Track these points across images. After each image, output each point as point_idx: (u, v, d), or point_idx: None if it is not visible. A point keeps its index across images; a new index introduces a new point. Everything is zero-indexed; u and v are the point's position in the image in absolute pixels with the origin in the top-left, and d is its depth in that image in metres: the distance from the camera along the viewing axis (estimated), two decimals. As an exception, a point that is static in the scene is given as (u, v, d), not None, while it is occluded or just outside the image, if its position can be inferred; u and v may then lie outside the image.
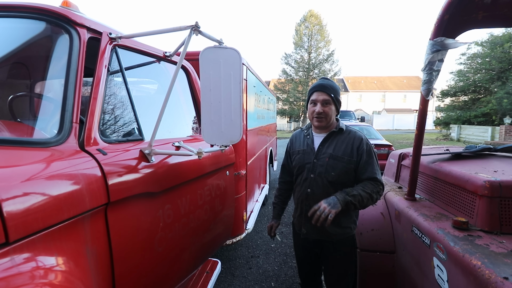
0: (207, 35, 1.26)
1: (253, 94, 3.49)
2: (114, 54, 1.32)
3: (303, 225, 1.62)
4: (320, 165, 1.54)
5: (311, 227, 1.56)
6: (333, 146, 1.55)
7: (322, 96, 1.53)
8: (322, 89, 1.54)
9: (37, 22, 1.16)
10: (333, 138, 1.57)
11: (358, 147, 1.52)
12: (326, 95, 1.52)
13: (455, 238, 1.28)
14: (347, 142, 1.53)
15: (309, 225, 1.57)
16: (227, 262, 3.10)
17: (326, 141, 1.58)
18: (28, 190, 0.77)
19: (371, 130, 7.27)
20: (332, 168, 1.51)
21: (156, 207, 1.31)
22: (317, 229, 1.55)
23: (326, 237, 1.57)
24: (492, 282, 0.97)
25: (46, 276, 0.74)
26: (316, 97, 1.54)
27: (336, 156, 1.52)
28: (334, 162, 1.51)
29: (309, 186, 1.57)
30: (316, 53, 27.38)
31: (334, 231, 1.54)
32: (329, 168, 1.52)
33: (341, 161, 1.51)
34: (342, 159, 1.51)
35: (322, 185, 1.53)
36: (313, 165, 1.56)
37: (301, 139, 1.69)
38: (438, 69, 1.55)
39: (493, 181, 1.35)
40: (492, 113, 17.12)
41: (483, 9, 1.44)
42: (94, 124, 1.12)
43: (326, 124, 1.56)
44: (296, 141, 1.72)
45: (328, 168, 1.52)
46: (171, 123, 1.75)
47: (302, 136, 1.69)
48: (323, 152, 1.56)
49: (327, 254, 1.62)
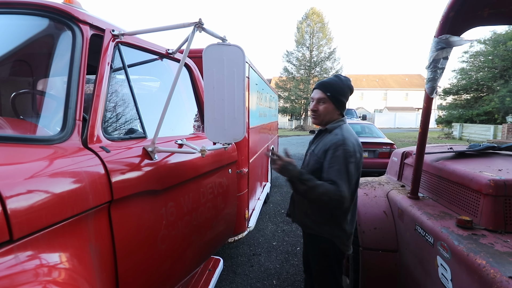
0: (210, 32, 1.25)
1: (255, 92, 3.48)
2: (117, 51, 1.32)
3: (289, 207, 1.76)
4: (306, 159, 1.66)
5: (293, 210, 1.70)
6: (317, 143, 1.60)
7: (317, 94, 1.57)
8: (319, 87, 1.58)
9: (39, 19, 1.16)
10: (321, 136, 1.62)
11: (327, 149, 1.47)
12: (322, 93, 1.55)
13: (459, 237, 1.27)
14: (325, 143, 1.52)
15: (292, 208, 1.71)
16: (229, 260, 3.11)
17: (316, 138, 1.67)
18: (32, 187, 0.77)
19: (373, 129, 7.24)
20: (308, 163, 1.60)
21: (159, 205, 1.31)
22: (294, 215, 1.68)
23: (301, 225, 1.68)
24: (497, 281, 0.97)
25: (50, 273, 0.74)
26: (313, 95, 1.61)
27: (312, 153, 1.59)
28: (310, 158, 1.60)
29: None
30: (317, 51, 27.31)
31: (304, 222, 1.62)
32: (306, 163, 1.63)
33: (313, 158, 1.56)
34: (315, 156, 1.55)
35: None
36: (305, 157, 1.70)
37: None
38: (442, 67, 1.54)
39: (497, 180, 1.34)
40: (495, 111, 17.04)
41: (489, 6, 1.42)
42: (97, 121, 1.12)
43: (320, 122, 1.61)
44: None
45: (306, 163, 1.63)
46: (174, 120, 1.74)
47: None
48: (311, 148, 1.65)
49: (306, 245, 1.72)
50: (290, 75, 27.92)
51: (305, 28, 27.24)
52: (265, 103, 4.55)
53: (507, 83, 16.34)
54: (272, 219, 4.40)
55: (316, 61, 27.19)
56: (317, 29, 27.00)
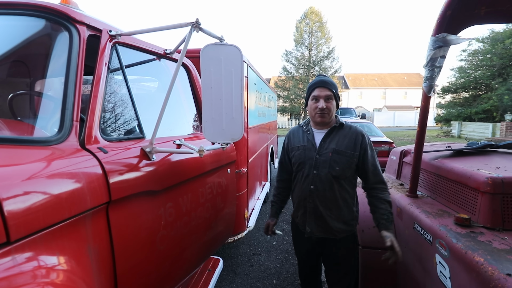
0: (208, 32, 1.25)
1: (254, 91, 3.48)
2: (114, 51, 1.31)
3: (307, 224, 1.58)
4: (323, 161, 1.53)
5: (316, 225, 1.56)
6: (336, 141, 1.55)
7: (324, 92, 1.53)
8: (324, 84, 1.53)
9: (36, 19, 1.15)
10: (335, 133, 1.57)
11: (361, 141, 1.54)
12: (328, 90, 1.53)
13: (457, 234, 1.28)
14: (349, 137, 1.54)
15: (313, 223, 1.56)
16: (229, 260, 3.11)
17: (328, 137, 1.57)
18: (29, 189, 0.77)
19: (372, 127, 7.25)
20: (336, 162, 1.51)
21: (157, 205, 1.31)
22: (322, 227, 1.55)
23: (331, 234, 1.56)
24: (495, 278, 0.97)
25: (48, 275, 0.74)
26: (319, 93, 1.54)
27: (339, 151, 1.52)
28: (338, 156, 1.51)
29: (311, 182, 1.54)
30: (316, 50, 27.28)
31: (338, 228, 1.54)
32: (332, 163, 1.51)
33: (344, 155, 1.52)
34: (345, 153, 1.52)
35: (326, 180, 1.52)
36: (316, 161, 1.54)
37: (300, 135, 1.67)
38: (440, 66, 1.54)
39: (495, 178, 1.35)
40: (493, 109, 17.08)
41: (486, 5, 1.42)
42: (94, 122, 1.12)
43: (328, 120, 1.57)
44: (294, 137, 1.70)
45: (332, 163, 1.51)
46: (172, 121, 1.74)
47: (301, 132, 1.67)
48: (326, 148, 1.55)
49: (329, 252, 1.61)
50: (289, 74, 27.89)
51: (304, 27, 27.20)
52: (264, 103, 4.55)
53: (505, 81, 16.37)
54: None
55: (315, 60, 27.16)
56: (316, 28, 26.97)
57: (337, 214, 1.53)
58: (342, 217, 1.54)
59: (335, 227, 1.53)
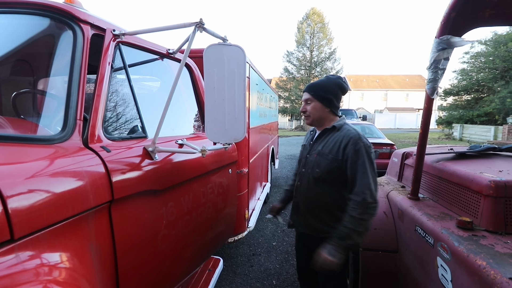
0: (211, 32, 1.25)
1: (255, 92, 3.48)
2: (118, 51, 1.32)
3: (291, 216, 1.71)
4: (310, 161, 1.59)
5: (297, 218, 1.66)
6: (324, 143, 1.57)
7: (305, 95, 1.62)
8: (305, 89, 1.62)
9: (40, 18, 1.16)
10: (326, 135, 1.59)
11: (345, 145, 1.45)
12: (307, 94, 1.59)
13: (459, 238, 1.27)
14: (336, 140, 1.51)
15: (295, 216, 1.67)
16: (229, 260, 3.11)
17: (320, 138, 1.61)
18: (33, 187, 0.77)
19: (373, 129, 7.24)
20: (317, 165, 1.54)
21: (159, 204, 1.31)
22: (301, 222, 1.63)
23: (311, 231, 1.60)
24: (498, 282, 0.97)
25: (50, 273, 0.74)
26: (303, 97, 1.64)
27: (322, 153, 1.54)
28: (320, 159, 1.54)
29: (299, 179, 1.66)
30: (318, 51, 27.30)
31: (317, 227, 1.56)
32: (315, 164, 1.55)
33: (325, 158, 1.51)
34: (326, 156, 1.51)
35: (308, 180, 1.58)
36: (306, 160, 1.64)
37: (308, 134, 1.78)
38: (443, 68, 1.54)
39: (498, 181, 1.34)
40: (495, 112, 17.02)
41: (490, 7, 1.42)
42: (98, 121, 1.12)
43: (312, 122, 1.62)
44: (306, 136, 1.82)
45: (314, 165, 1.56)
46: (174, 120, 1.74)
47: (309, 132, 1.78)
48: (315, 149, 1.60)
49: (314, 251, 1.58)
50: (291, 75, 27.91)
51: (306, 28, 27.22)
52: (265, 103, 4.55)
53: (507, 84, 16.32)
54: (272, 219, 4.40)
55: (317, 61, 27.18)
56: (317, 29, 26.99)
57: (316, 213, 1.56)
58: (320, 217, 1.55)
59: (314, 225, 1.57)
